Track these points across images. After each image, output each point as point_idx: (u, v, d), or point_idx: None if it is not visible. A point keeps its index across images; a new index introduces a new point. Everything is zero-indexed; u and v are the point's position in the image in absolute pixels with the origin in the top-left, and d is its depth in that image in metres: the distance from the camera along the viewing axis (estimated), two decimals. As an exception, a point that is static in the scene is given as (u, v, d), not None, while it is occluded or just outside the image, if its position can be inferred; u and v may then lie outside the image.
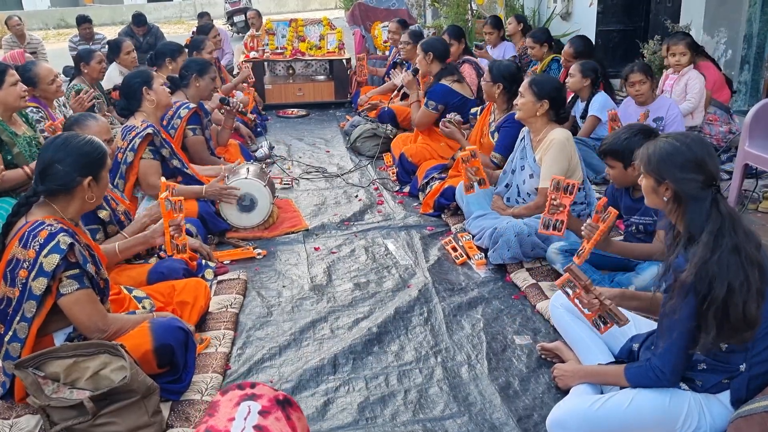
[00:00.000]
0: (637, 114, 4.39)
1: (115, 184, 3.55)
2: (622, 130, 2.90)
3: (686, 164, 1.95)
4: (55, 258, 2.16)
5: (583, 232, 2.72)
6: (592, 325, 2.32)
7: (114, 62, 5.98)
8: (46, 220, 2.24)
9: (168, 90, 3.95)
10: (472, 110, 4.47)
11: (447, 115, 4.41)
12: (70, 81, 5.38)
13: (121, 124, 4.21)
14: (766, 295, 1.88)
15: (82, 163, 2.30)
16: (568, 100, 4.95)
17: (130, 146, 3.59)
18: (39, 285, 2.18)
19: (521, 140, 3.62)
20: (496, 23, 7.08)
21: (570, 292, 2.32)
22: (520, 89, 3.47)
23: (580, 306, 2.30)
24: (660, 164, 1.99)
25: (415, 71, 5.05)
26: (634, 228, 3.01)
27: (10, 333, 2.25)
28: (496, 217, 3.64)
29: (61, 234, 2.19)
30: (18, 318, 2.23)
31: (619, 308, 2.27)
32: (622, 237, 3.30)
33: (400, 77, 5.19)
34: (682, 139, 2.00)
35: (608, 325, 2.29)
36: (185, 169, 3.90)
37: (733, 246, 1.85)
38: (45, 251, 2.16)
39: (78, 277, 2.23)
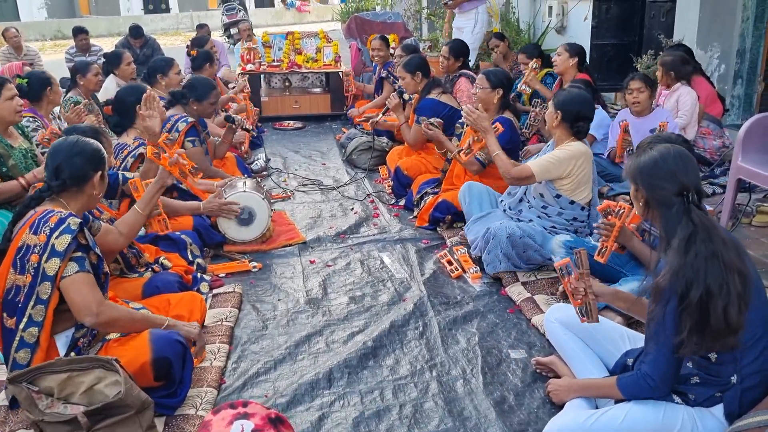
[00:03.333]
0: (635, 125, 4.42)
1: (109, 203, 3.53)
2: (665, 138, 2.93)
3: (658, 173, 2.05)
4: (67, 238, 2.26)
5: (596, 230, 2.76)
6: (577, 313, 2.35)
7: (112, 74, 5.98)
8: (55, 208, 2.36)
9: (163, 104, 3.94)
10: (459, 121, 4.50)
11: (428, 119, 4.46)
12: (66, 93, 5.39)
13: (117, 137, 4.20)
14: (749, 302, 1.91)
15: (92, 158, 2.49)
16: None
17: (122, 165, 3.57)
18: (52, 266, 2.25)
19: (547, 146, 3.67)
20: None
21: (564, 275, 2.34)
22: (551, 101, 3.52)
23: (569, 290, 2.33)
24: (635, 172, 2.12)
25: (400, 93, 5.05)
26: (646, 234, 3.02)
27: (25, 319, 2.28)
28: (492, 221, 3.66)
29: (71, 217, 2.31)
30: (32, 303, 2.27)
31: (598, 309, 2.33)
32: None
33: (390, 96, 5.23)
34: (662, 151, 2.09)
35: (584, 319, 2.33)
36: (180, 185, 3.89)
37: (709, 252, 1.90)
38: (56, 233, 2.26)
39: (80, 260, 2.31)
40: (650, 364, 2.01)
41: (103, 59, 6.56)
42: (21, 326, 2.28)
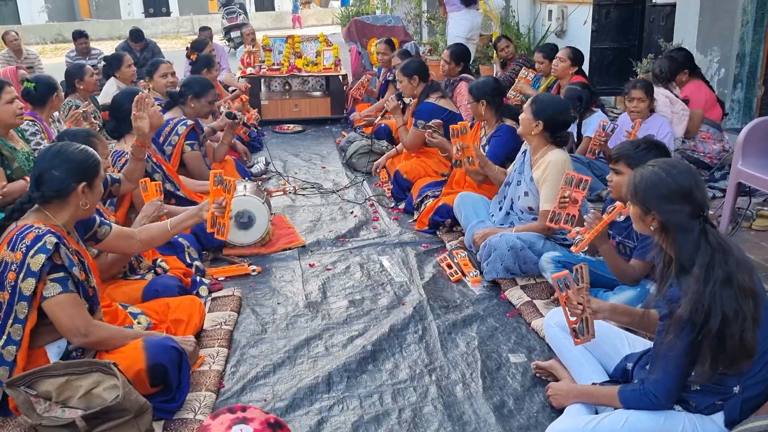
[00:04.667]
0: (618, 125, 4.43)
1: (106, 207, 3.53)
2: (641, 141, 2.90)
3: (671, 195, 1.95)
4: (41, 258, 2.18)
5: (585, 223, 2.72)
6: (571, 333, 2.31)
7: (113, 77, 5.97)
8: (35, 224, 2.28)
9: (160, 107, 3.91)
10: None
11: (429, 122, 4.46)
12: (65, 97, 5.37)
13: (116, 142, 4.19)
14: (760, 320, 1.88)
15: (76, 169, 2.35)
16: None
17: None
18: (28, 286, 2.19)
19: (522, 154, 3.63)
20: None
21: (562, 289, 2.27)
22: (525, 105, 3.51)
23: (565, 305, 2.28)
24: (645, 195, 2.00)
25: (399, 96, 5.06)
26: (619, 246, 3.02)
27: (5, 337, 2.24)
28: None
29: (48, 235, 2.23)
30: (11, 321, 2.22)
31: (594, 324, 2.27)
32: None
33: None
34: (668, 169, 1.99)
35: (581, 339, 2.28)
36: (178, 191, 3.89)
37: (725, 277, 1.85)
38: (32, 252, 2.19)
39: (62, 281, 2.24)
40: (655, 384, 1.99)
41: (103, 62, 6.55)
42: (0, 343, 2.24)
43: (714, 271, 1.85)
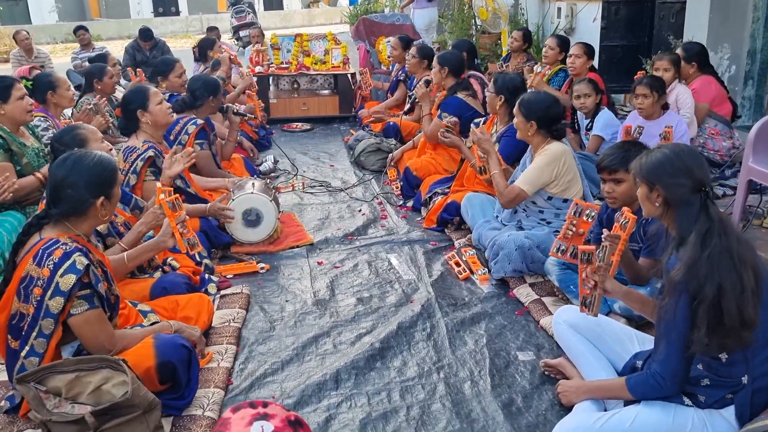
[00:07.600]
0: (645, 128, 4.39)
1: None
2: (629, 145, 2.90)
3: (674, 171, 2.06)
4: (72, 279, 2.17)
5: (605, 243, 2.66)
6: (580, 299, 2.38)
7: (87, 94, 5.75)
8: (61, 238, 2.25)
9: (169, 108, 3.91)
10: (475, 121, 4.49)
11: (443, 118, 4.45)
12: (82, 95, 5.38)
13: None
14: (763, 298, 1.90)
15: (94, 184, 2.31)
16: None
17: (132, 169, 3.58)
18: (56, 304, 2.18)
19: (526, 155, 3.65)
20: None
21: (585, 261, 2.35)
22: (514, 109, 3.50)
23: (582, 277, 2.34)
24: (651, 171, 2.12)
25: (427, 83, 5.07)
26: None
27: (27, 348, 2.24)
28: (497, 228, 3.65)
29: (77, 254, 2.20)
30: (35, 334, 2.22)
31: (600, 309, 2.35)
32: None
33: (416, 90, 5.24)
34: (673, 149, 2.13)
35: (584, 309, 2.36)
36: (188, 188, 3.90)
37: (723, 247, 1.92)
38: (61, 271, 2.17)
39: (88, 298, 2.25)
40: (660, 363, 2.01)
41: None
42: (23, 354, 2.24)
43: (711, 240, 1.93)
